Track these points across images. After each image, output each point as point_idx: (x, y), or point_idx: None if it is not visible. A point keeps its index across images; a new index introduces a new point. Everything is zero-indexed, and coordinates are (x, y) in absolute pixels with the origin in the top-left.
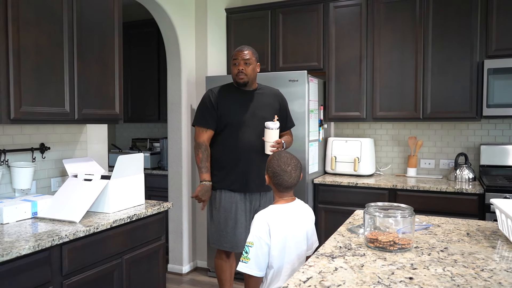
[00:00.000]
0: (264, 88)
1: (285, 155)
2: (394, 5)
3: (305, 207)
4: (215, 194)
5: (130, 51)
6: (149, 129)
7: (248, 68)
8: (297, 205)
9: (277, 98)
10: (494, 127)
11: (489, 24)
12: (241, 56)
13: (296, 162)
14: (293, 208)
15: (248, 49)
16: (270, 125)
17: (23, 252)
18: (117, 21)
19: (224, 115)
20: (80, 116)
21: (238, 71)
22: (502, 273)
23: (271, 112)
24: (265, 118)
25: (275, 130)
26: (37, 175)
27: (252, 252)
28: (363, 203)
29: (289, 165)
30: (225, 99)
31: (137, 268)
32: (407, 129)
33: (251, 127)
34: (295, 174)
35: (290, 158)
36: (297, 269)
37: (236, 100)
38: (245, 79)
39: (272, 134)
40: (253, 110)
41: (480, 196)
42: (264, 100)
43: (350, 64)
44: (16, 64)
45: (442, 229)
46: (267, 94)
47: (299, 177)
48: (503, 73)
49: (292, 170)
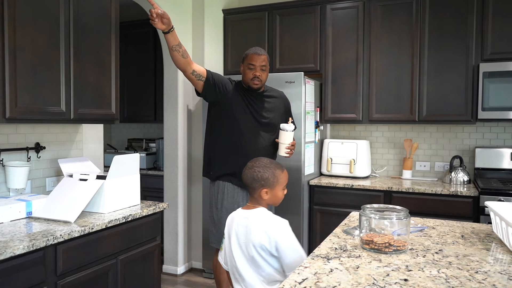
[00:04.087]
0: (271, 90)
1: (261, 158)
2: (390, 8)
3: (258, 220)
4: (217, 193)
5: (126, 51)
6: (145, 129)
7: (263, 74)
8: (248, 215)
9: (282, 101)
10: (489, 130)
11: (485, 28)
12: (259, 61)
13: (260, 164)
14: (244, 216)
15: (264, 54)
16: (286, 127)
17: (17, 252)
18: (114, 21)
19: (233, 112)
20: (76, 116)
21: (254, 77)
22: (496, 275)
23: (277, 114)
24: (272, 120)
25: (290, 132)
26: (32, 174)
27: (224, 244)
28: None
29: (249, 166)
30: (237, 95)
31: (132, 269)
32: (403, 132)
33: (259, 129)
34: (247, 172)
35: (258, 160)
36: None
37: (246, 100)
38: (259, 85)
39: (287, 136)
40: (262, 112)
41: (474, 198)
42: (272, 102)
43: (347, 66)
44: (12, 63)
45: (437, 231)
46: (274, 97)
47: (253, 179)
48: (499, 76)
49: (248, 168)
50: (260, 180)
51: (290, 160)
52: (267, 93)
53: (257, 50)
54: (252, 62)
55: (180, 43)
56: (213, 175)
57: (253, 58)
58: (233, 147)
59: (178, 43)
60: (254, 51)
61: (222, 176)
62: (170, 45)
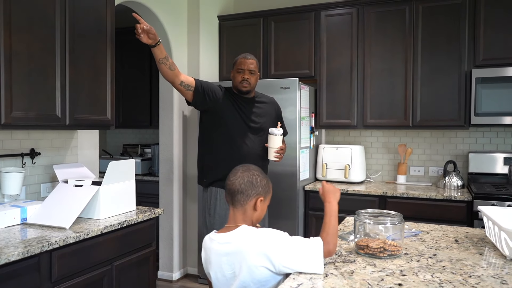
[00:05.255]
0: (261, 96)
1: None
2: (384, 14)
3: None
4: (210, 199)
5: (122, 56)
6: (140, 135)
7: (252, 77)
8: (230, 239)
9: (273, 106)
10: (482, 135)
11: (477, 35)
12: (247, 65)
13: (256, 168)
14: (224, 241)
15: (253, 58)
16: (274, 131)
17: (12, 258)
18: (109, 27)
19: (224, 118)
20: (72, 122)
21: (242, 79)
22: (489, 280)
23: (268, 119)
24: (263, 125)
25: (279, 136)
26: (27, 180)
27: None
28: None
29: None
30: (228, 101)
31: (127, 275)
32: (397, 137)
33: (250, 134)
34: (243, 175)
35: (248, 165)
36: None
37: (237, 106)
38: (248, 88)
39: (276, 140)
40: (253, 117)
41: (468, 203)
42: (262, 107)
43: (341, 72)
44: (8, 69)
45: (431, 235)
46: (264, 102)
47: (251, 183)
48: (491, 82)
49: (240, 171)
50: (259, 186)
51: (285, 165)
52: (258, 98)
53: (245, 55)
54: (241, 66)
55: (167, 55)
56: (206, 182)
57: (241, 62)
58: (225, 152)
59: (165, 55)
60: (242, 56)
61: (215, 182)
62: (157, 59)
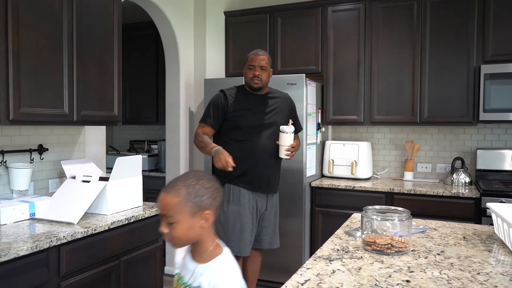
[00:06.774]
0: (275, 92)
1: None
2: (391, 10)
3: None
4: (225, 194)
5: (128, 53)
6: (147, 131)
7: (264, 73)
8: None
9: (287, 102)
10: (490, 131)
11: (486, 30)
12: (257, 61)
13: (207, 176)
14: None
15: (264, 54)
16: (285, 129)
17: (21, 253)
18: (116, 24)
19: (237, 118)
20: (79, 118)
21: (253, 76)
22: (498, 277)
23: (282, 116)
24: (276, 122)
25: (290, 134)
26: (35, 176)
27: None
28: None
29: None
30: (239, 102)
31: (134, 270)
32: (404, 133)
33: (264, 130)
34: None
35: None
36: None
37: (250, 104)
38: (259, 84)
39: (287, 138)
40: (266, 114)
41: (476, 200)
42: (276, 104)
43: (348, 68)
44: (16, 65)
45: (439, 232)
46: (278, 98)
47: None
48: (500, 78)
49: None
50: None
51: (292, 161)
52: (271, 94)
53: (257, 51)
54: (252, 62)
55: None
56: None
57: (252, 59)
58: (239, 149)
59: None
60: (254, 52)
61: (231, 180)
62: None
